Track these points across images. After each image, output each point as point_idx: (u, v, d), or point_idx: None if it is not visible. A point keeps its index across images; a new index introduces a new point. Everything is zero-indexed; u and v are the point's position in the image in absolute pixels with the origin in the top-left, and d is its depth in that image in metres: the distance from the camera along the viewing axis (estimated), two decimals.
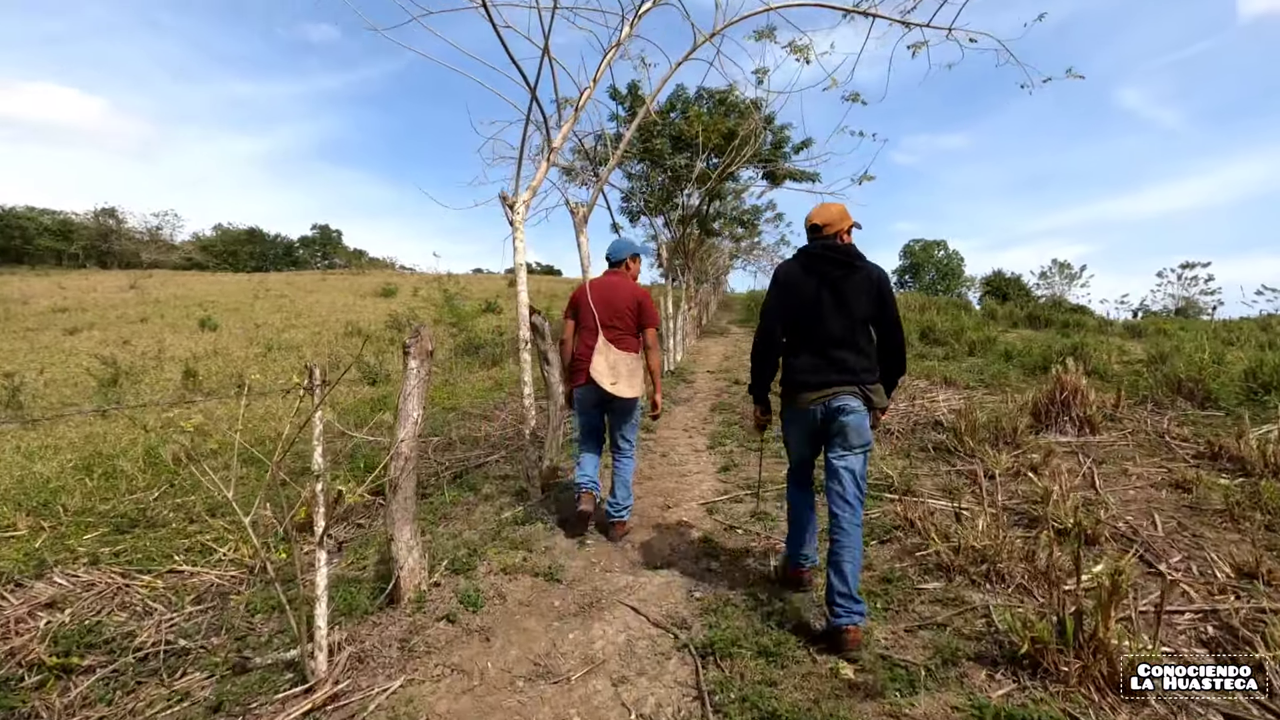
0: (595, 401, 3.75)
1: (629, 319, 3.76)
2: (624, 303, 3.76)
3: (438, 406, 9.68)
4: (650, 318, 3.83)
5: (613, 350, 3.67)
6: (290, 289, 35.45)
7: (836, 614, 2.48)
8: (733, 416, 7.56)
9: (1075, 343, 8.64)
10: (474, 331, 16.15)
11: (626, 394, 3.62)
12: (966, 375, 8.57)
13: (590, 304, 3.74)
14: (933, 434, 5.94)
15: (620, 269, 4.01)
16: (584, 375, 3.68)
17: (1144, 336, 15.14)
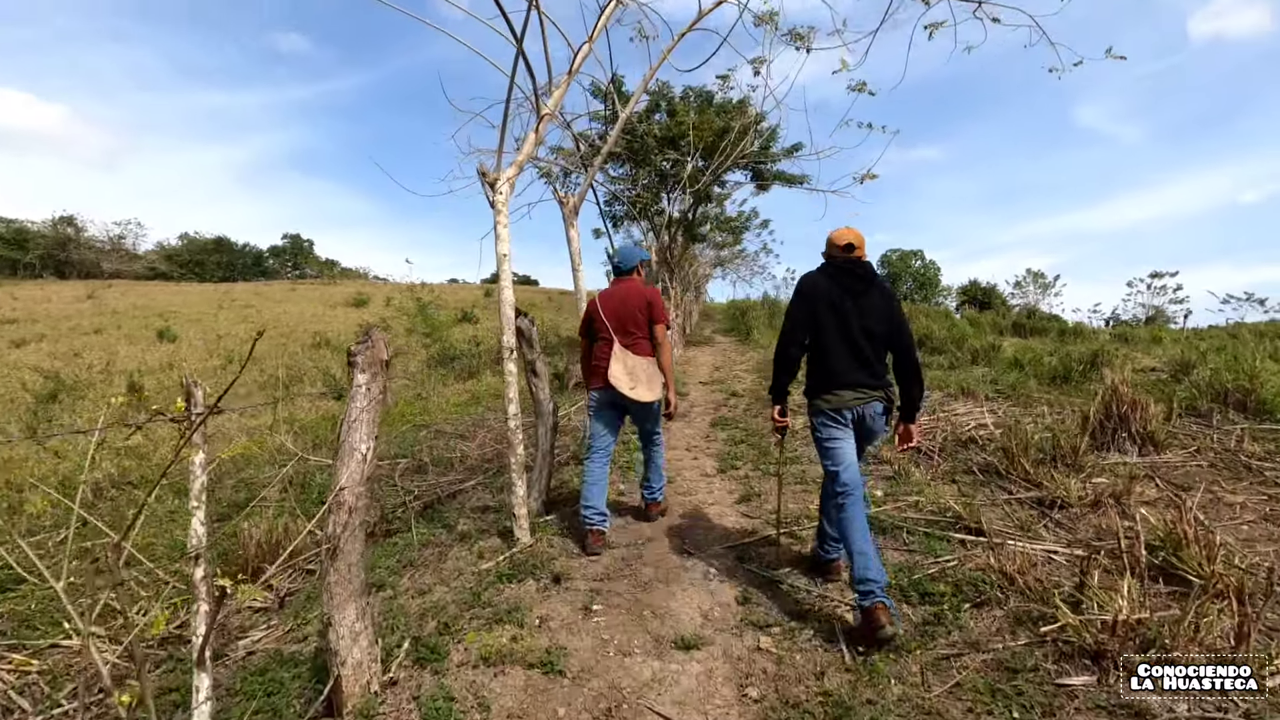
0: (611, 402, 3.72)
1: (642, 322, 3.73)
2: (636, 306, 3.73)
3: (408, 424, 8.70)
4: (659, 314, 3.78)
5: (630, 355, 3.62)
6: (258, 299, 33.91)
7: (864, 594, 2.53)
8: (738, 433, 6.73)
9: (1096, 349, 8.04)
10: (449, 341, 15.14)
11: (647, 398, 3.56)
12: (982, 386, 7.87)
13: (603, 317, 3.72)
14: (973, 454, 5.17)
15: (631, 275, 3.94)
16: (601, 379, 3.64)
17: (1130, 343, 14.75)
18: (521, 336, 4.10)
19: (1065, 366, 8.02)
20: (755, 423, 7.25)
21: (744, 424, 7.28)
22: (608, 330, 3.69)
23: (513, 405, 3.66)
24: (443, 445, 7.29)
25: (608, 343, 3.68)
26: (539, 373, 4.19)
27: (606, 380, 3.59)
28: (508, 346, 3.64)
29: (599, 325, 3.75)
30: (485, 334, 19.46)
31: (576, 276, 5.39)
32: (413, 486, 5.80)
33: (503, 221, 3.63)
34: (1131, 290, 34.28)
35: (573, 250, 5.33)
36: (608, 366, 3.60)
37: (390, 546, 4.18)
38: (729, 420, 7.48)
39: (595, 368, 3.73)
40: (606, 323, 3.70)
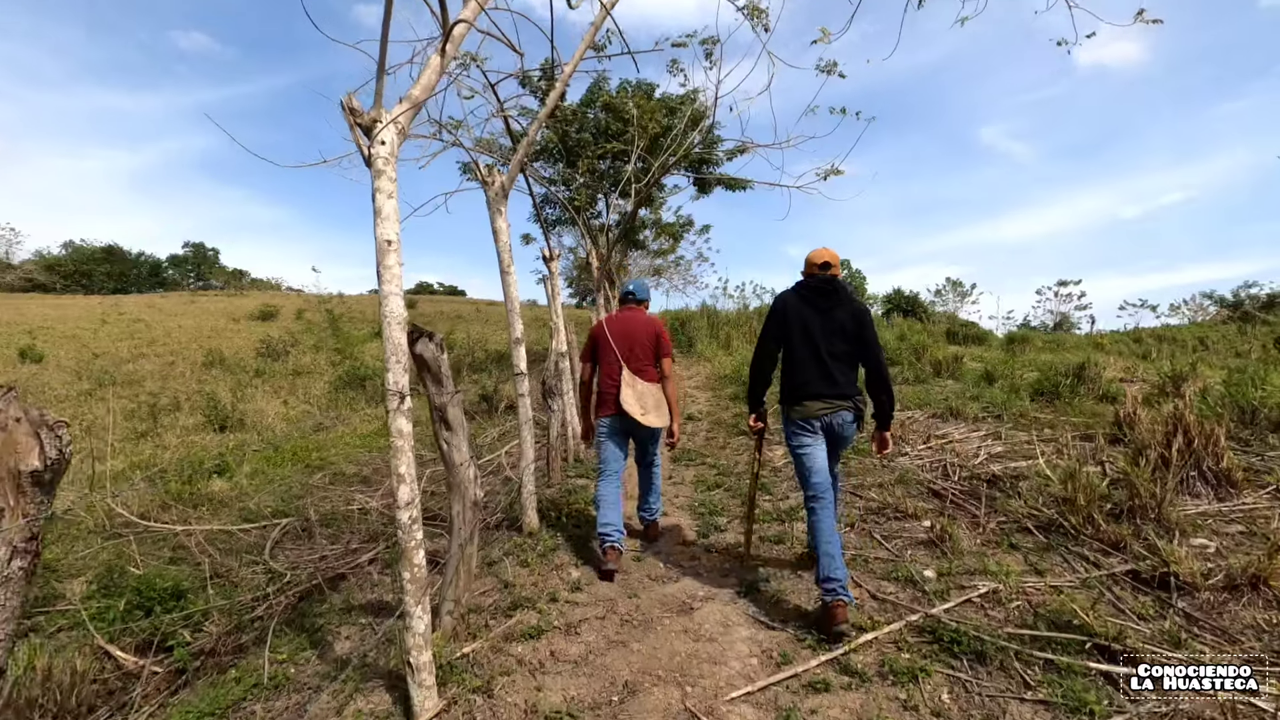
0: (622, 429, 3.68)
1: (650, 351, 3.70)
2: (644, 335, 3.70)
3: (299, 463, 6.95)
4: (666, 348, 3.76)
5: (639, 382, 3.61)
6: (150, 312, 30.19)
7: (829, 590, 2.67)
8: (707, 472, 5.45)
9: (1082, 361, 7.28)
10: (361, 359, 13.25)
11: (656, 424, 3.56)
12: (968, 405, 6.92)
13: (611, 340, 3.66)
14: (1010, 500, 4.07)
15: (641, 306, 3.92)
16: (612, 406, 3.59)
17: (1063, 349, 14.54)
18: (426, 369, 2.66)
19: (1050, 381, 7.19)
20: (724, 457, 5.99)
21: (711, 458, 6.01)
22: (615, 355, 3.63)
23: (405, 491, 2.20)
24: (338, 496, 5.66)
25: (615, 368, 3.63)
26: (453, 424, 2.75)
27: (617, 407, 3.55)
28: (394, 391, 2.19)
29: (605, 350, 3.68)
30: None
31: (506, 281, 3.98)
32: (287, 564, 4.20)
33: (386, 188, 2.19)
34: (1040, 298, 35.50)
35: (500, 245, 3.91)
36: (618, 393, 3.57)
37: (223, 688, 2.64)
38: (693, 454, 6.18)
39: (604, 395, 3.66)
40: (615, 348, 3.63)
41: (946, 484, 4.59)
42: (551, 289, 6.15)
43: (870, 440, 3.21)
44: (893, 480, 4.69)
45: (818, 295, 2.98)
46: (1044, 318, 34.70)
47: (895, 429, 6.33)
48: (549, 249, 6.13)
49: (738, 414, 7.66)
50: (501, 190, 3.88)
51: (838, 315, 2.95)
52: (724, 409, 8.15)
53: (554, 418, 5.10)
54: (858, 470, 5.08)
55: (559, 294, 6.28)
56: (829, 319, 2.95)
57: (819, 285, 3.00)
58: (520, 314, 4.07)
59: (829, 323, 2.94)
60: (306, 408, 10.71)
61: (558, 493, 4.88)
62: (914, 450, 5.56)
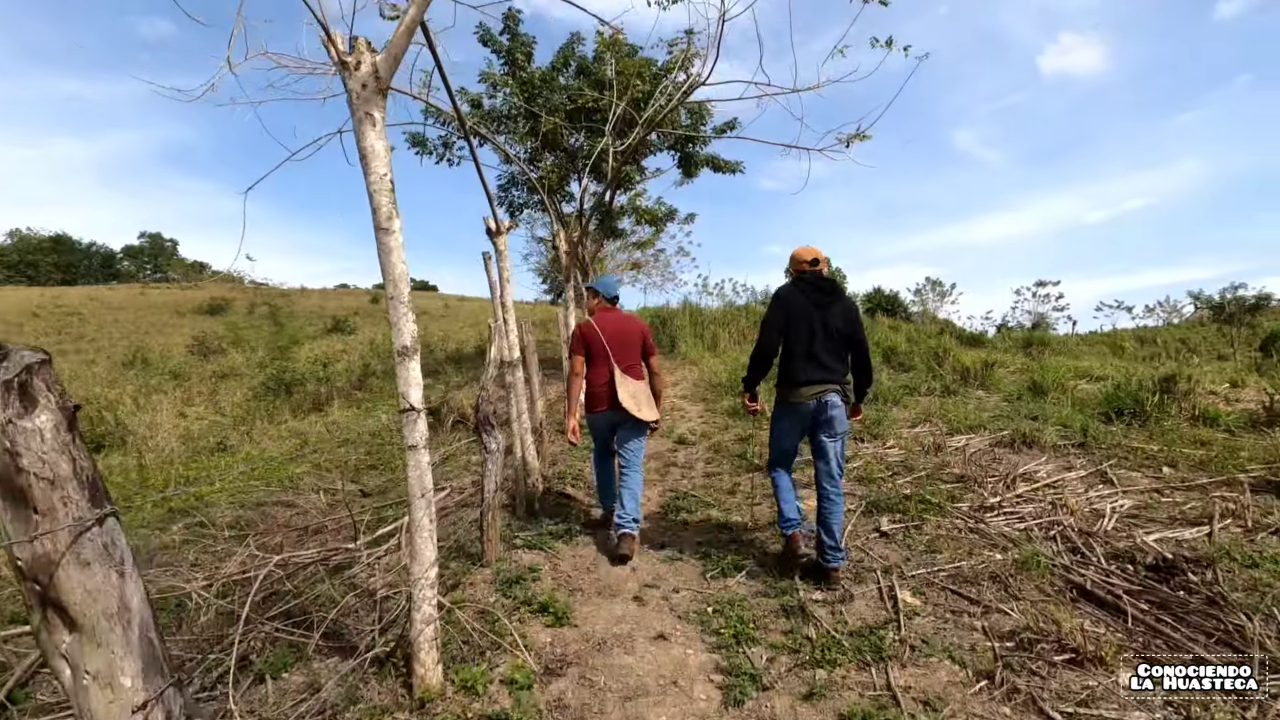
0: (609, 425, 3.75)
1: (638, 351, 3.79)
2: (633, 336, 3.77)
3: (161, 507, 5.06)
4: (652, 347, 3.87)
5: (629, 380, 3.67)
6: (92, 305, 27.52)
7: (827, 559, 2.96)
8: (744, 550, 3.71)
9: (1171, 373, 5.70)
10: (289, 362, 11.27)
11: (650, 417, 3.66)
12: (1034, 427, 5.28)
13: (604, 339, 3.68)
14: (1198, 604, 2.39)
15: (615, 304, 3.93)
16: (605, 402, 3.66)
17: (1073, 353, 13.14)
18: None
19: (1130, 397, 5.58)
20: (738, 507, 4.24)
21: (717, 505, 4.26)
22: (608, 355, 3.66)
23: None
24: (186, 565, 3.80)
25: (604, 364, 3.67)
26: (78, 618, 0.94)
27: (611, 403, 3.62)
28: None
29: (598, 349, 3.69)
30: (356, 345, 15.47)
31: (385, 245, 2.16)
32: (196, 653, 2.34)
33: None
34: (1019, 298, 34.47)
35: (373, 179, 2.12)
36: (609, 391, 3.62)
37: None
38: (690, 500, 4.43)
39: (595, 393, 3.69)
40: (608, 348, 3.66)
41: (1091, 573, 2.90)
42: (500, 275, 4.36)
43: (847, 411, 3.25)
44: (1008, 566, 2.98)
45: (816, 290, 3.13)
46: (1021, 318, 33.85)
47: (958, 462, 4.66)
48: (495, 219, 4.34)
49: (742, 435, 5.93)
50: (375, 79, 2.08)
51: (833, 309, 3.11)
52: (723, 429, 6.41)
53: (492, 461, 3.31)
54: (943, 543, 3.37)
55: (510, 282, 4.48)
56: (826, 312, 3.10)
57: (816, 281, 3.16)
58: (415, 304, 2.27)
59: (825, 316, 3.10)
60: (217, 419, 8.72)
61: (495, 587, 3.08)
62: (998, 499, 3.89)
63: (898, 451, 5.17)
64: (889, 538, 3.48)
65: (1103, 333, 27.08)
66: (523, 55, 9.90)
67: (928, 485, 4.22)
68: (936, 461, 4.79)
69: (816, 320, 3.07)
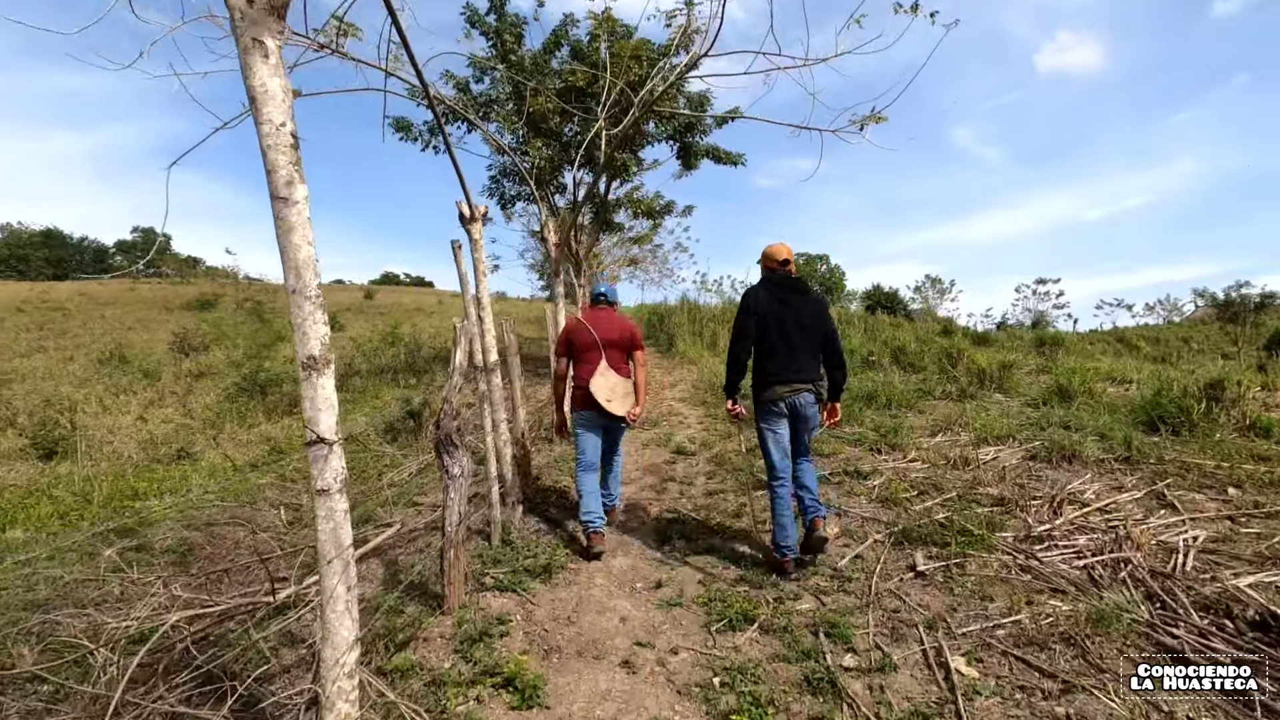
0: (598, 422, 3.67)
1: (625, 347, 3.75)
2: (619, 332, 3.73)
3: (108, 520, 4.50)
4: (638, 343, 3.82)
5: (612, 374, 3.64)
6: (80, 300, 26.79)
7: (807, 509, 3.08)
8: (727, 596, 3.14)
9: (1220, 377, 5.16)
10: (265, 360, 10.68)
11: (619, 412, 3.59)
12: (1070, 438, 4.73)
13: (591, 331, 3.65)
14: None
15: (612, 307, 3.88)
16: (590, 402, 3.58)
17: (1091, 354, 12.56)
18: None
19: (1174, 403, 5.03)
20: (745, 535, 3.67)
21: (720, 535, 3.69)
22: (598, 349, 3.63)
23: None
24: (115, 597, 3.24)
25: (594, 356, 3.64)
26: None
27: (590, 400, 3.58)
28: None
29: (588, 344, 3.65)
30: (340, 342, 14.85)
31: (283, 219, 1.58)
32: None
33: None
34: (1019, 295, 33.97)
35: (265, 128, 1.53)
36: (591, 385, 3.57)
37: None
38: (687, 524, 3.86)
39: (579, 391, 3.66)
40: (599, 342, 3.64)
41: (1183, 632, 2.35)
42: (474, 268, 3.80)
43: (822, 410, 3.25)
44: (1080, 622, 2.41)
45: (785, 290, 3.17)
46: (1021, 316, 33.28)
47: (992, 479, 4.10)
48: (469, 202, 3.77)
49: (749, 445, 5.36)
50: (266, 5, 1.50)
51: (803, 309, 3.14)
52: (725, 436, 5.84)
53: (455, 488, 2.74)
54: (993, 586, 2.80)
55: (486, 276, 3.91)
56: (795, 312, 3.13)
57: (784, 281, 3.19)
58: (324, 303, 1.70)
59: (795, 316, 3.12)
60: (187, 421, 8.12)
61: (454, 645, 2.51)
62: (1046, 527, 3.33)
63: (921, 466, 4.62)
64: (927, 579, 2.91)
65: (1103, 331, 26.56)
66: (511, 37, 9.29)
67: (961, 508, 3.67)
68: (966, 478, 4.23)
69: (788, 320, 3.12)
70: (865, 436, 5.36)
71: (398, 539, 4.03)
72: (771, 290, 3.16)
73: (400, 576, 3.28)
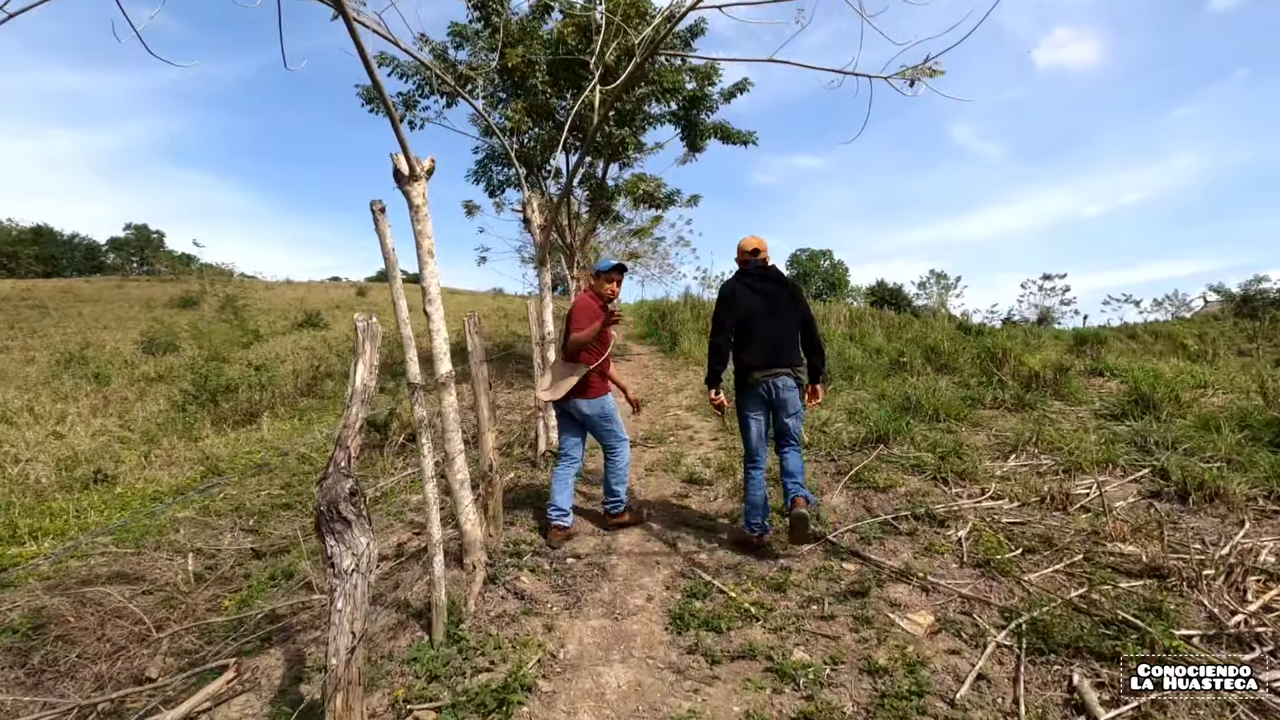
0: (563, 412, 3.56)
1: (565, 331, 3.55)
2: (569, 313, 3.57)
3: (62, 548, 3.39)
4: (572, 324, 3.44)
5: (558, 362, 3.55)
6: (63, 298, 25.61)
7: (789, 491, 3.10)
8: (777, 681, 2.03)
9: None
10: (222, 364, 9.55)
11: (545, 397, 3.52)
12: (1231, 480, 3.63)
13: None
14: None
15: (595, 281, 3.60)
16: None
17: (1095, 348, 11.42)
18: None
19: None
20: (794, 617, 2.55)
21: (760, 611, 2.57)
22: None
23: None
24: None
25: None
26: None
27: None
28: None
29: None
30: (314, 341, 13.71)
31: None
32: None
33: None
34: (1024, 291, 32.80)
35: None
36: None
37: None
38: (713, 599, 2.74)
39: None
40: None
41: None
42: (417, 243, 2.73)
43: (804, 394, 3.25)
44: None
45: (759, 280, 3.20)
46: (1027, 311, 32.12)
47: (1121, 530, 2.98)
48: (407, 154, 2.68)
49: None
50: None
51: (778, 297, 3.18)
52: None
53: (343, 595, 1.63)
54: None
55: (431, 255, 2.81)
56: (770, 301, 3.16)
57: (758, 271, 3.23)
58: None
59: (770, 304, 3.16)
60: (126, 434, 6.99)
61: None
62: (1239, 618, 2.21)
63: (1009, 506, 3.50)
64: None
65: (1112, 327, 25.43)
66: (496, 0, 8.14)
67: (1100, 580, 2.55)
68: (1081, 527, 3.12)
69: (761, 308, 3.15)
70: (923, 461, 4.24)
71: (318, 616, 2.91)
72: (745, 280, 3.22)
73: (298, 667, 2.16)
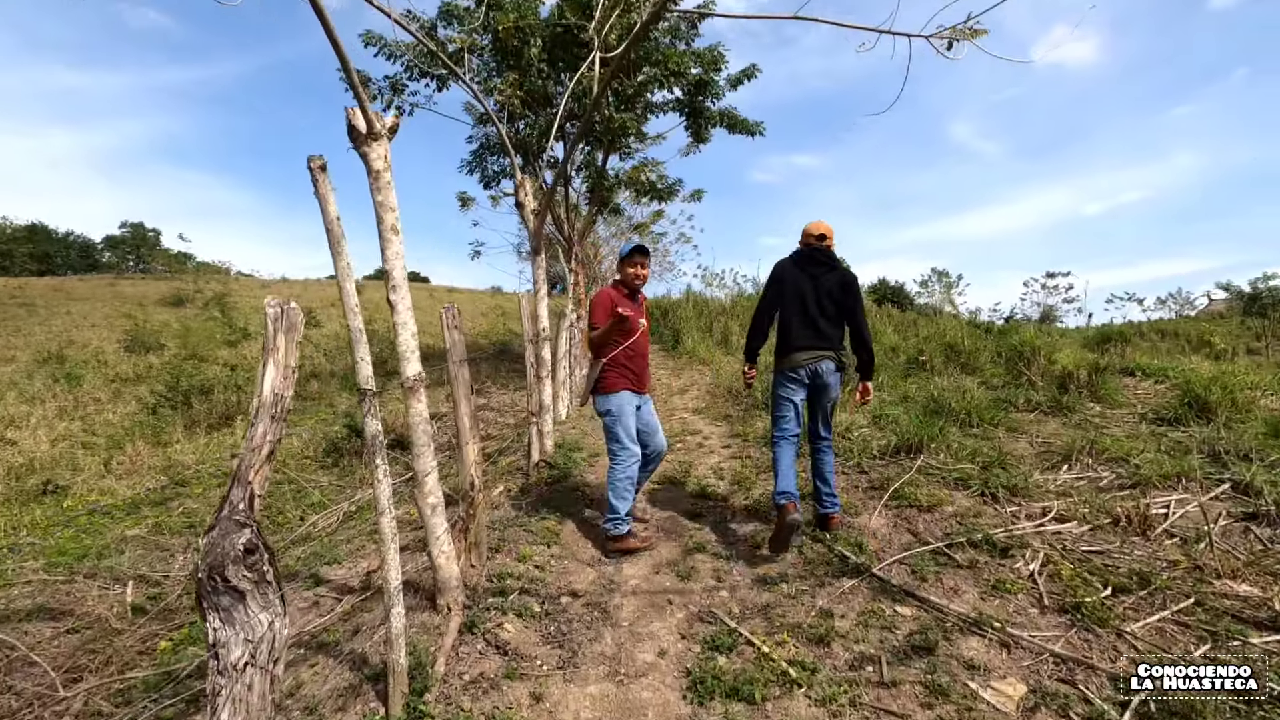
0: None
1: None
2: None
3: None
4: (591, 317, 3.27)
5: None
6: (54, 296, 25.00)
7: (824, 505, 3.10)
8: None
9: None
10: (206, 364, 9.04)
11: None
12: (1264, 476, 3.12)
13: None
14: None
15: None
16: None
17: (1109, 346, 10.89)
18: None
19: None
20: (840, 680, 2.02)
21: (797, 662, 2.05)
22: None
23: None
24: None
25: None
26: None
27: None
28: None
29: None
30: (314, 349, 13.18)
31: None
32: None
33: None
34: (1027, 289, 32.30)
35: None
36: None
37: None
38: (739, 652, 2.22)
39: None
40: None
41: None
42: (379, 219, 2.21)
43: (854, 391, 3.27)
44: None
45: (811, 263, 3.14)
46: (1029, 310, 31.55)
47: (1233, 565, 2.47)
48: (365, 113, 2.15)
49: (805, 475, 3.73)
50: None
51: (827, 280, 3.09)
52: (764, 469, 4.20)
53: (231, 698, 1.13)
54: None
55: (396, 232, 2.29)
56: (820, 284, 3.08)
57: (812, 254, 3.15)
58: None
59: (819, 286, 3.08)
60: (91, 438, 6.46)
61: None
62: None
63: (1078, 530, 2.99)
64: None
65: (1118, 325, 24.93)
66: None
67: (1228, 633, 2.04)
68: (1173, 558, 2.60)
69: (809, 289, 3.08)
70: (966, 474, 3.72)
71: None
72: (799, 261, 3.17)
73: None
